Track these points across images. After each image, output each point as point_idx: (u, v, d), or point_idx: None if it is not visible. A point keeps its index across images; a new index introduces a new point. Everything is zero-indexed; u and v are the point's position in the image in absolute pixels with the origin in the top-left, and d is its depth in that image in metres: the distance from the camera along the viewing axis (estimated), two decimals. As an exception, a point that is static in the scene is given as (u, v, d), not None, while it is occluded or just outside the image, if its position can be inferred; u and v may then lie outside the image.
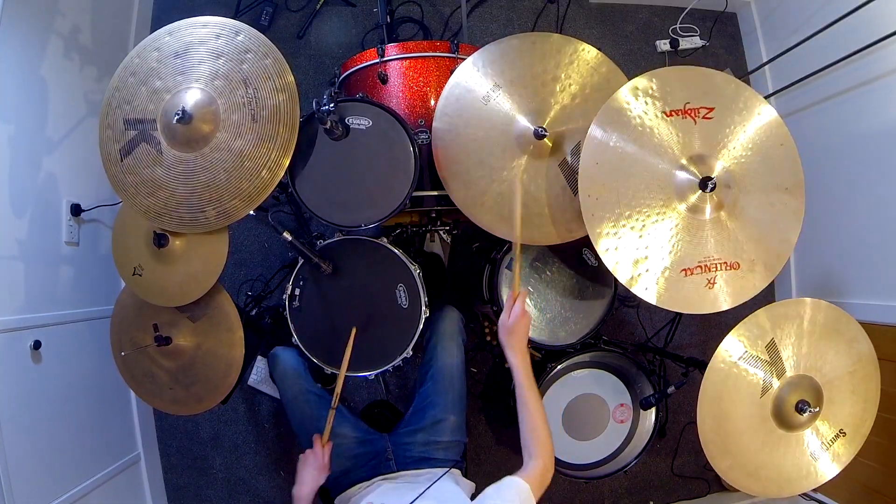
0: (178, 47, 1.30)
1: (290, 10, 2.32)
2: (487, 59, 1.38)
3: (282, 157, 1.25)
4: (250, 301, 1.91)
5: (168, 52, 1.30)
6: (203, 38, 1.29)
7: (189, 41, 1.30)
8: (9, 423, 1.42)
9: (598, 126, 1.28)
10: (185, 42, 1.30)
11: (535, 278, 1.58)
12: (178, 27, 1.31)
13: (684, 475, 2.31)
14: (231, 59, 1.27)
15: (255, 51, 1.27)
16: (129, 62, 1.33)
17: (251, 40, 1.28)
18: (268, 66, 1.26)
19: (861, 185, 1.92)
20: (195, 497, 2.14)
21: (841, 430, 1.35)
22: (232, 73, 1.27)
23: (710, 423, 1.29)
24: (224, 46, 1.28)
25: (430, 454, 1.37)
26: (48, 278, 1.68)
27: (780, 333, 1.31)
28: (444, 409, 1.40)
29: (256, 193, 1.25)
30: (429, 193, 1.46)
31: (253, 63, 1.27)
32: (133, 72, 1.32)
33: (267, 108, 1.25)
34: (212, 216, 1.28)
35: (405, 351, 1.43)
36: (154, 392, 1.50)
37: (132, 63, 1.33)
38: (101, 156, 1.34)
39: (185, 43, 1.30)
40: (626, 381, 1.69)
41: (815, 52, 1.99)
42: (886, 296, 1.82)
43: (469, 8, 2.38)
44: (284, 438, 2.17)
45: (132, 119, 1.31)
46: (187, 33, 1.30)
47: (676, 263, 1.26)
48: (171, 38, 1.31)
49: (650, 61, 2.47)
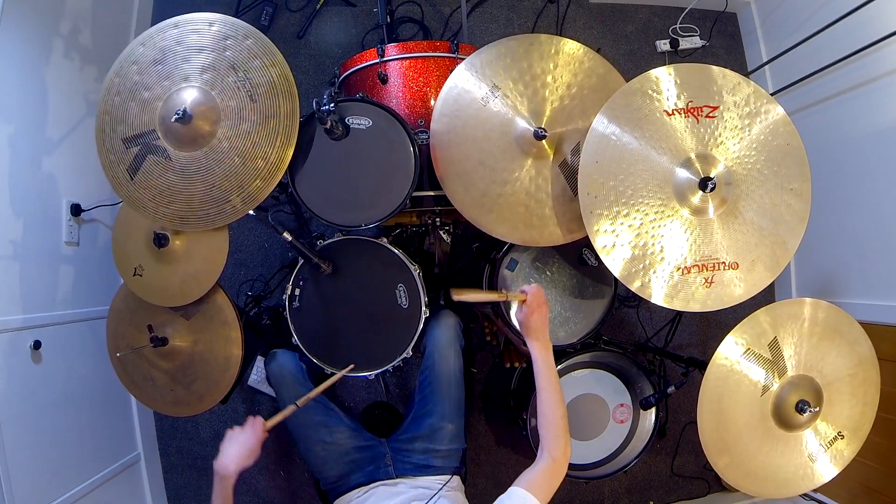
0: (156, 55, 1.29)
1: (290, 10, 2.32)
2: (485, 61, 1.38)
3: (290, 127, 1.26)
4: (250, 301, 1.90)
5: (147, 62, 1.29)
6: (178, 38, 1.29)
7: (164, 45, 1.29)
8: (9, 423, 1.42)
9: (599, 124, 1.28)
10: (160, 48, 1.29)
11: (535, 278, 1.58)
12: (148, 36, 1.30)
13: (684, 475, 2.31)
14: (213, 50, 1.27)
15: (234, 35, 1.28)
16: (110, 84, 1.31)
17: (227, 27, 1.28)
18: (251, 47, 1.27)
19: (861, 185, 1.92)
20: (195, 497, 2.14)
21: (840, 433, 1.35)
22: (218, 63, 1.27)
23: (711, 422, 1.29)
24: (203, 40, 1.28)
25: (429, 462, 1.37)
26: (48, 278, 1.68)
27: (782, 333, 1.31)
28: (442, 417, 1.39)
29: (275, 168, 1.26)
30: (428, 193, 1.46)
31: (235, 48, 1.27)
32: (117, 91, 1.30)
33: (262, 84, 1.26)
34: (238, 203, 1.28)
35: (405, 351, 1.43)
36: (155, 396, 1.50)
37: (113, 84, 1.31)
38: (110, 181, 1.33)
39: (161, 48, 1.29)
40: (626, 381, 1.69)
41: (815, 52, 1.99)
42: (886, 296, 1.82)
43: (469, 8, 2.38)
44: (284, 438, 2.16)
45: (130, 136, 1.30)
46: (160, 38, 1.30)
47: (675, 262, 1.27)
48: (145, 48, 1.30)
49: (650, 61, 2.47)
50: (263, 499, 2.15)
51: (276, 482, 2.16)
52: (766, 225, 1.29)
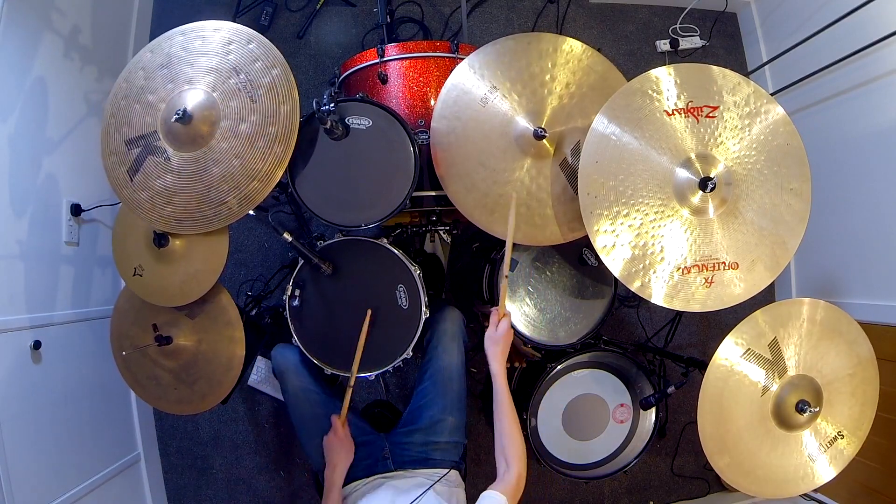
0: (162, 60, 1.32)
1: (290, 10, 2.32)
2: (483, 61, 1.38)
3: (290, 129, 1.26)
4: (250, 301, 1.90)
5: (153, 67, 1.32)
6: (184, 44, 1.32)
7: (171, 52, 1.32)
8: (9, 423, 1.42)
9: (599, 124, 1.28)
10: (167, 54, 1.32)
11: (535, 278, 1.58)
12: (157, 44, 1.34)
13: (684, 475, 2.31)
14: (217, 54, 1.30)
15: (238, 40, 1.30)
16: (117, 90, 1.35)
17: (231, 33, 1.31)
18: (253, 50, 1.28)
19: (861, 185, 1.92)
20: (195, 497, 2.14)
21: (839, 433, 1.36)
22: (221, 66, 1.29)
23: (711, 423, 1.29)
24: (208, 45, 1.30)
25: (428, 454, 1.37)
26: (48, 278, 1.68)
27: (781, 333, 1.31)
28: (443, 409, 1.39)
29: (273, 170, 1.26)
30: (428, 193, 1.46)
31: (238, 51, 1.29)
32: (124, 95, 1.34)
33: (262, 86, 1.26)
34: (234, 205, 1.28)
35: (405, 352, 1.43)
36: (159, 394, 1.51)
37: (121, 89, 1.35)
38: (111, 183, 1.35)
39: (168, 54, 1.32)
40: (626, 381, 1.69)
41: (815, 52, 1.99)
42: (886, 296, 1.82)
43: (469, 8, 2.38)
44: (284, 438, 2.17)
45: (133, 138, 1.32)
46: (167, 45, 1.33)
47: (675, 262, 1.27)
48: (153, 54, 1.33)
49: (650, 61, 2.47)
50: (263, 499, 2.15)
51: (276, 482, 2.16)
52: (766, 225, 1.29)
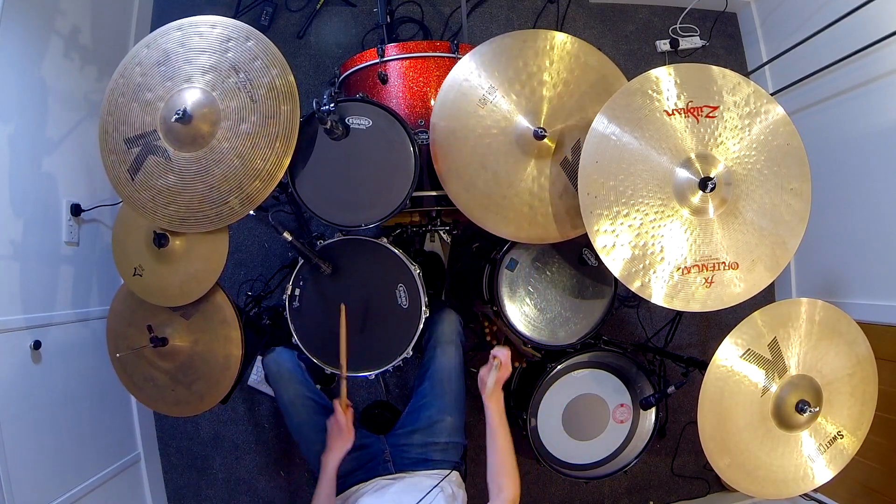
0: (159, 56, 1.30)
1: (290, 10, 2.32)
2: (480, 61, 1.37)
3: (290, 129, 1.26)
4: (250, 301, 1.90)
5: (150, 64, 1.30)
6: (181, 40, 1.30)
7: (168, 48, 1.30)
8: (9, 423, 1.42)
9: (599, 124, 1.28)
10: (164, 50, 1.30)
11: (536, 278, 1.58)
12: (153, 38, 1.32)
13: (684, 475, 2.31)
14: (215, 52, 1.28)
15: (236, 38, 1.28)
16: (114, 86, 1.33)
17: (229, 29, 1.29)
18: (252, 48, 1.27)
19: (861, 185, 1.92)
20: (195, 497, 2.14)
21: (839, 432, 1.36)
22: (220, 64, 1.27)
23: (711, 423, 1.29)
24: (205, 42, 1.29)
25: (429, 455, 1.37)
26: (48, 278, 1.68)
27: (781, 333, 1.31)
28: (441, 409, 1.40)
29: (274, 169, 1.26)
30: (429, 193, 1.46)
31: (237, 49, 1.28)
32: (121, 93, 1.32)
33: (262, 86, 1.26)
34: (236, 205, 1.28)
35: (405, 351, 1.43)
36: (157, 396, 1.50)
37: (118, 85, 1.32)
38: (111, 182, 1.34)
39: (165, 51, 1.30)
40: (626, 381, 1.70)
41: (815, 52, 1.99)
42: (886, 296, 1.82)
43: (469, 8, 2.38)
44: (284, 438, 2.17)
45: (132, 136, 1.31)
46: (164, 41, 1.31)
47: (675, 262, 1.26)
48: (149, 50, 1.31)
49: (650, 61, 2.47)
50: (263, 499, 2.15)
51: (276, 482, 2.16)
52: (766, 225, 1.29)
